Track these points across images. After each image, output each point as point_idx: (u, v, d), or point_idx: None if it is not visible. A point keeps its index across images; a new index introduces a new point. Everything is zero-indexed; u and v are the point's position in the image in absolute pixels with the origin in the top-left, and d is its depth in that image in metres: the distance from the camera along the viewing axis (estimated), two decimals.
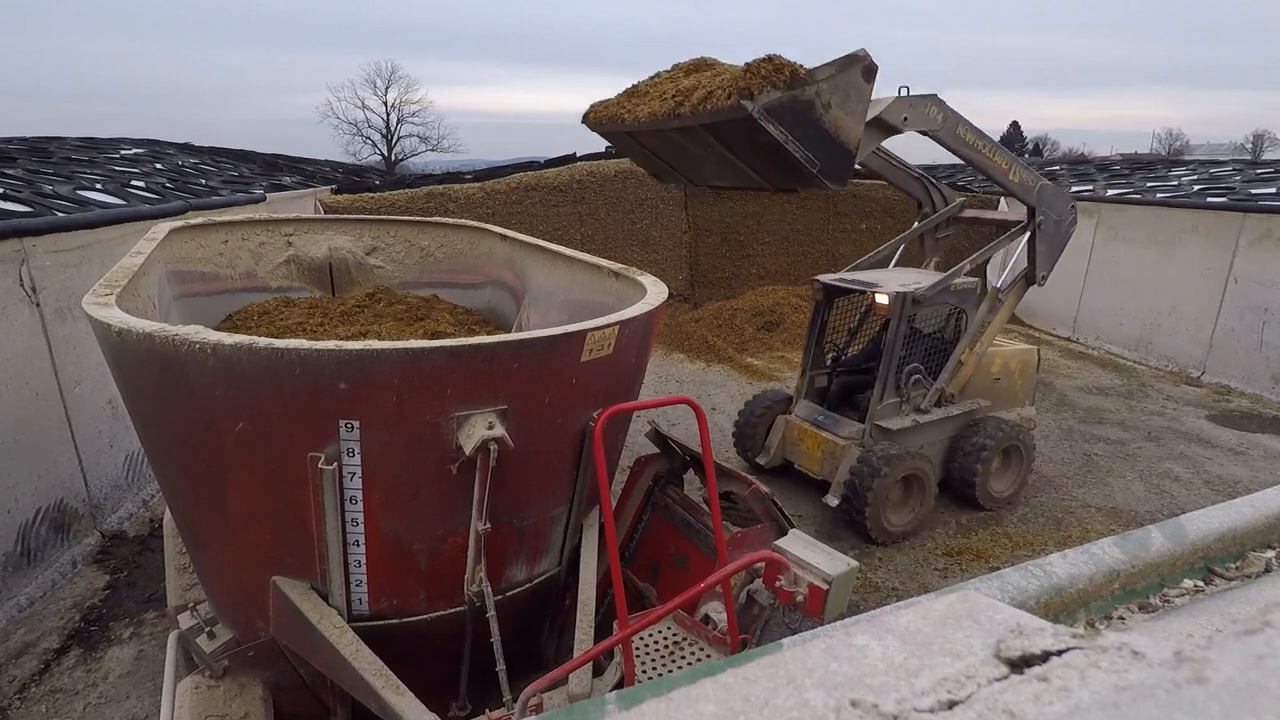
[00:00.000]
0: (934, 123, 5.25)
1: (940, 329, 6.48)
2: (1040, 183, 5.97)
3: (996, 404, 6.62)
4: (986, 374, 6.56)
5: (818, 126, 4.14)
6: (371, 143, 46.33)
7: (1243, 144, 67.50)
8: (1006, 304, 6.37)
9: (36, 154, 9.10)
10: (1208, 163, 15.61)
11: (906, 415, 6.05)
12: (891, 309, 5.82)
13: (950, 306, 6.31)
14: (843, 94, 4.13)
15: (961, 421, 6.36)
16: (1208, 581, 1.25)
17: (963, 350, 6.21)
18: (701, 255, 12.89)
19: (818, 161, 4.18)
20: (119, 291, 2.71)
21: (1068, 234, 6.32)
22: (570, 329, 2.78)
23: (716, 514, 3.30)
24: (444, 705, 3.09)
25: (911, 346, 6.09)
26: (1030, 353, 6.89)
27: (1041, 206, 6.01)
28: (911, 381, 6.05)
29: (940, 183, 6.70)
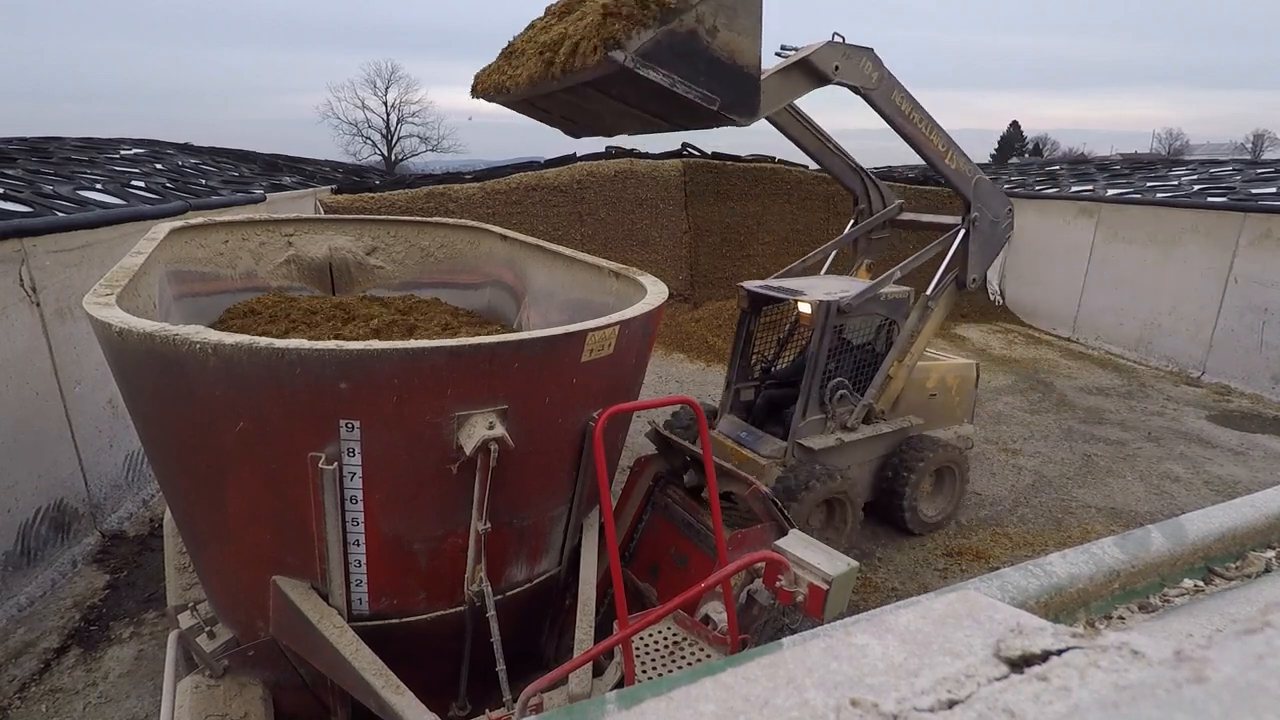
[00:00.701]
0: (868, 79, 4.80)
1: (870, 341, 6.05)
2: (978, 175, 5.61)
3: (932, 422, 6.24)
4: (921, 390, 6.16)
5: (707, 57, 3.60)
6: (371, 143, 46.39)
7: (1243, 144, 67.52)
8: (936, 312, 5.93)
9: (36, 154, 9.10)
10: (1208, 162, 15.61)
11: (831, 433, 5.60)
12: (815, 319, 5.41)
13: (880, 317, 5.86)
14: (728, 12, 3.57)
15: (893, 440, 5.93)
16: (1208, 581, 1.25)
17: (891, 364, 5.80)
18: (701, 255, 12.90)
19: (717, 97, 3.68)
20: (119, 291, 2.71)
21: (1003, 237, 5.95)
22: (570, 329, 2.78)
23: (716, 514, 3.30)
24: (444, 705, 3.09)
25: (840, 359, 5.68)
26: (969, 367, 6.49)
27: (977, 202, 5.65)
28: (837, 397, 5.60)
29: (880, 182, 6.33)
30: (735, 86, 3.72)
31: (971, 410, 6.58)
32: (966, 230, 5.71)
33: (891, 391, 5.87)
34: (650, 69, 3.46)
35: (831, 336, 5.45)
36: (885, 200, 6.31)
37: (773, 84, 4.39)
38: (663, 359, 10.70)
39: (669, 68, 3.51)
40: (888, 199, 6.31)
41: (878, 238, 6.48)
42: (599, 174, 12.11)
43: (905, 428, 5.96)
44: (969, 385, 6.48)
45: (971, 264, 5.82)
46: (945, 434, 6.28)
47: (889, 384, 5.82)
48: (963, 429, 6.47)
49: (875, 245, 6.50)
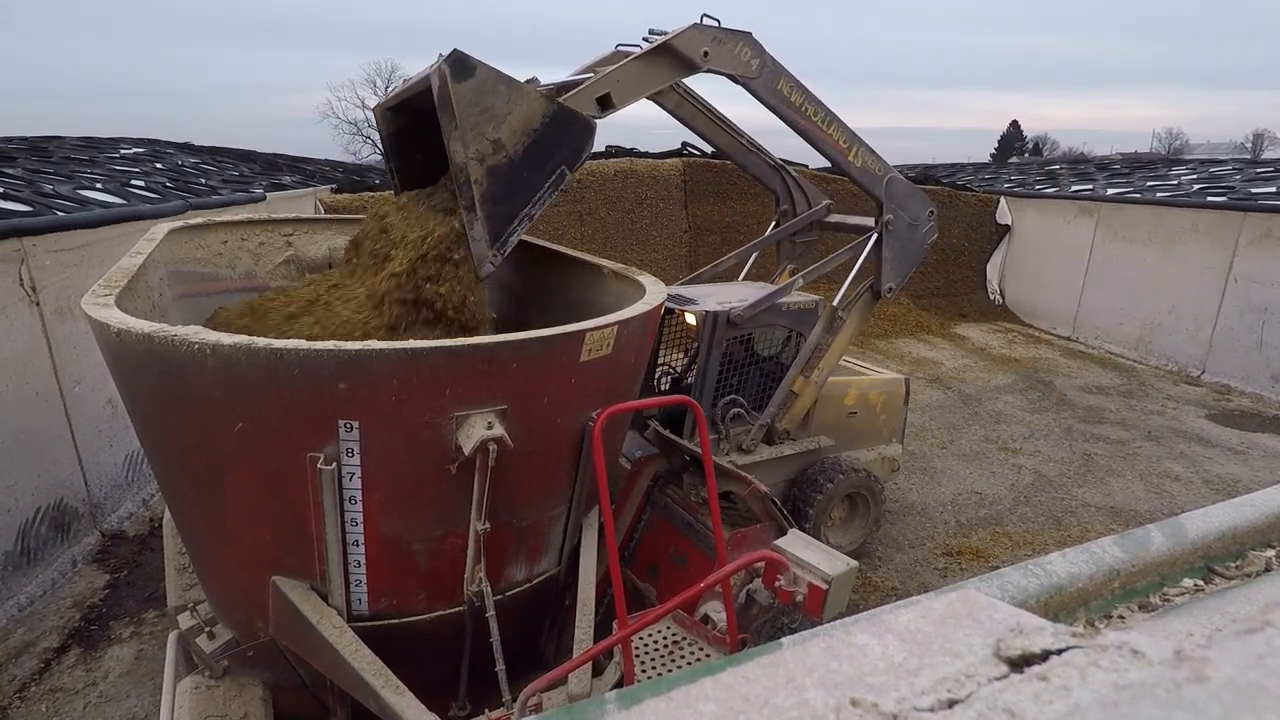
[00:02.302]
0: (746, 67, 4.30)
1: (777, 354, 5.54)
2: (890, 174, 5.09)
3: (851, 441, 5.69)
4: (838, 407, 5.59)
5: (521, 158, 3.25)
6: (372, 142, 46.32)
7: (1243, 143, 67.55)
8: (849, 323, 5.41)
9: (36, 154, 9.10)
10: (1208, 162, 15.62)
11: (725, 455, 5.02)
12: (701, 330, 4.89)
13: (784, 329, 5.34)
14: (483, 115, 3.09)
15: (800, 463, 5.38)
16: (1208, 581, 1.25)
17: (793, 379, 5.24)
18: (701, 255, 12.89)
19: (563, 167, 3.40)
20: (118, 292, 2.70)
21: (924, 242, 5.42)
22: (570, 329, 2.78)
23: (715, 514, 3.30)
24: (444, 705, 3.09)
25: (744, 373, 5.19)
26: (897, 383, 5.94)
27: (890, 204, 5.16)
28: (730, 415, 5.07)
29: (804, 181, 5.89)
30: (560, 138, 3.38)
31: (900, 429, 6.07)
32: (879, 235, 5.25)
33: (797, 409, 5.31)
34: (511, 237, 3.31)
35: (724, 349, 4.97)
36: (810, 201, 5.86)
37: (631, 72, 3.97)
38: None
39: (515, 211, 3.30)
40: (814, 199, 5.86)
41: (803, 241, 5.98)
42: (599, 174, 12.11)
43: (814, 449, 5.40)
44: (896, 402, 5.94)
45: (887, 271, 5.33)
46: (867, 455, 5.77)
47: (793, 401, 5.27)
48: (888, 449, 5.95)
49: (801, 249, 6.01)
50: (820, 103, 4.67)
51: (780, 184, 5.80)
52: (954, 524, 6.27)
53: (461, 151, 3.07)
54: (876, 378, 5.96)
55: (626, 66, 3.96)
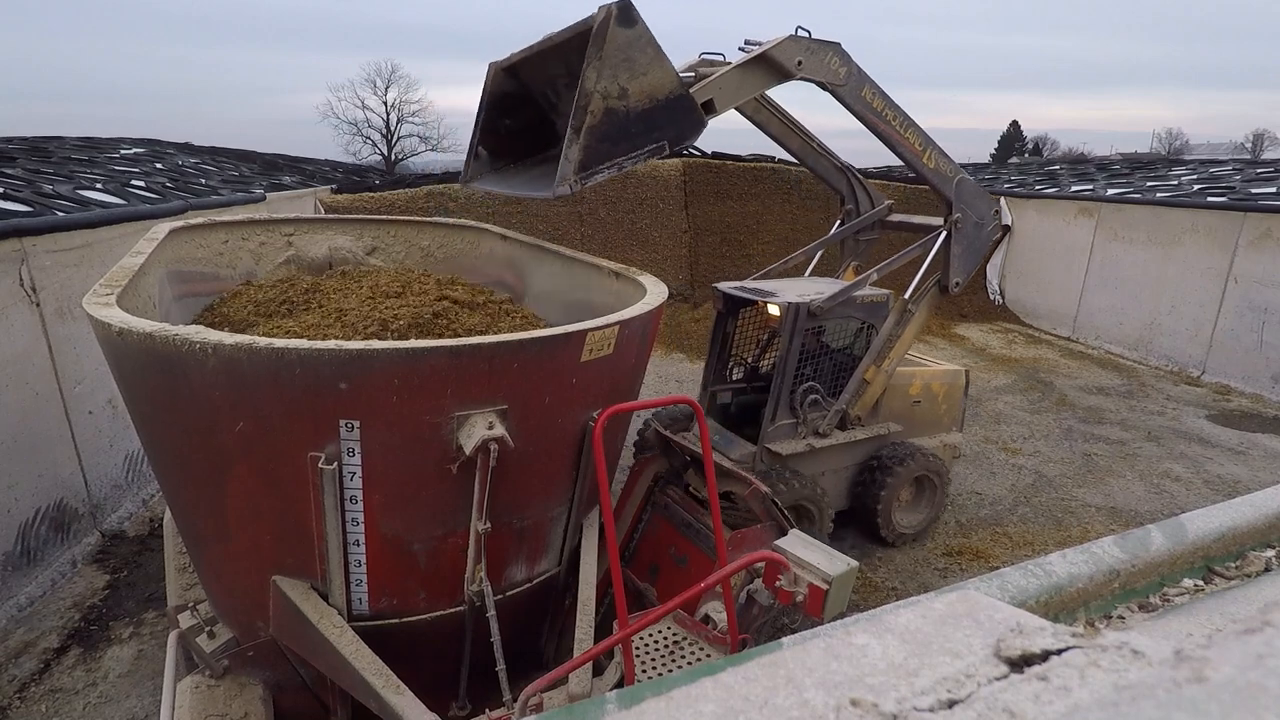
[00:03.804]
0: (835, 75, 4.61)
1: (849, 345, 5.87)
2: (959, 175, 5.43)
3: (915, 429, 6.03)
4: (903, 396, 5.94)
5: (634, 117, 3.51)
6: (371, 142, 46.37)
7: (1243, 143, 67.53)
8: (918, 316, 5.74)
9: (36, 154, 9.10)
10: (1208, 162, 15.62)
11: (802, 439, 5.40)
12: (783, 321, 5.24)
13: (857, 321, 5.66)
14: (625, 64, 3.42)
15: (869, 447, 5.76)
16: (1208, 581, 1.25)
17: (866, 368, 5.60)
18: (701, 255, 12.90)
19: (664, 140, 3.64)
20: (119, 291, 2.71)
21: (989, 240, 5.74)
22: (570, 329, 2.78)
23: (716, 514, 3.30)
24: (444, 705, 3.09)
25: (818, 363, 5.53)
26: (957, 374, 6.24)
27: (959, 203, 5.48)
28: (808, 402, 5.40)
29: (868, 182, 6.18)
30: (672, 119, 3.67)
31: (960, 418, 6.37)
32: (948, 233, 5.56)
33: (868, 397, 5.67)
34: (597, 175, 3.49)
35: (802, 339, 5.30)
36: (874, 201, 6.15)
37: (731, 80, 4.29)
38: (663, 359, 10.70)
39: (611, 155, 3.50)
40: (876, 200, 6.15)
41: (866, 239, 6.28)
42: None
43: (883, 434, 5.76)
44: (957, 392, 6.24)
45: (954, 267, 5.67)
46: (930, 442, 6.08)
47: (865, 389, 5.63)
48: (950, 437, 6.25)
49: (863, 247, 6.31)
50: (899, 108, 4.99)
51: (846, 185, 6.07)
52: (954, 524, 6.27)
53: (593, 81, 3.33)
54: (938, 368, 6.27)
55: (728, 75, 4.25)
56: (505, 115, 4.23)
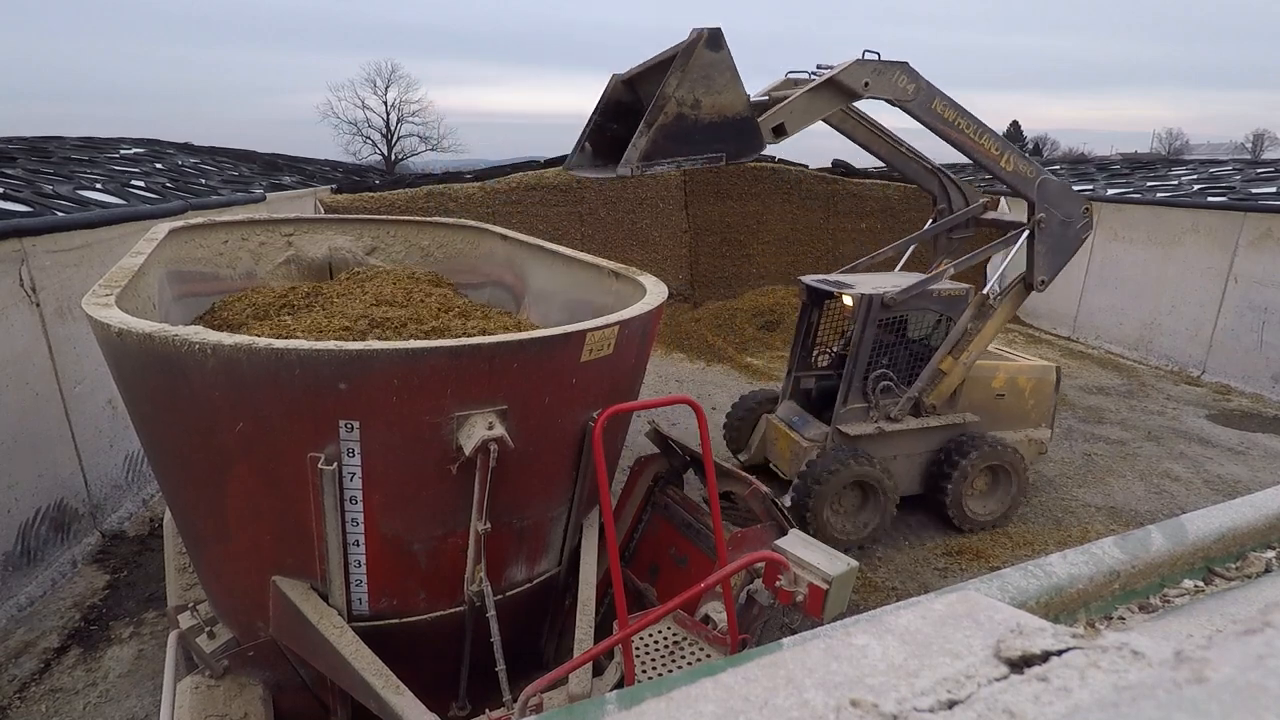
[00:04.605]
0: (903, 92, 4.82)
1: (927, 336, 6.12)
2: (1042, 175, 5.52)
3: (998, 422, 6.18)
4: (985, 388, 6.11)
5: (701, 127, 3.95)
6: (371, 142, 46.34)
7: (1243, 143, 67.53)
8: (999, 312, 5.91)
9: (36, 154, 9.10)
10: (1208, 162, 15.61)
11: (872, 422, 5.75)
12: (856, 312, 5.59)
13: (935, 313, 5.91)
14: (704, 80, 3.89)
15: (944, 435, 5.98)
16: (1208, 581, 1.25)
17: (941, 358, 5.79)
18: (701, 255, 12.90)
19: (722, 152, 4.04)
20: (119, 292, 2.71)
21: (1079, 237, 5.81)
22: (570, 329, 2.78)
23: (716, 514, 3.30)
24: (444, 705, 3.09)
25: (894, 352, 5.80)
26: (1048, 370, 6.36)
27: (1043, 203, 5.56)
28: (880, 388, 5.72)
29: (961, 181, 6.23)
30: (735, 136, 4.07)
31: (1050, 415, 6.46)
32: (1031, 232, 5.65)
33: (944, 387, 5.84)
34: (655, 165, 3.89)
35: (876, 330, 5.58)
36: (967, 199, 6.18)
37: (800, 104, 4.57)
38: (663, 359, 10.70)
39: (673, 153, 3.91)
40: (970, 198, 6.19)
41: (959, 237, 6.34)
42: None
43: (958, 424, 5.95)
44: (1047, 388, 6.34)
45: (1039, 266, 5.76)
46: (1014, 436, 6.20)
47: (940, 379, 5.81)
48: (1036, 433, 6.37)
49: (957, 244, 6.37)
50: (972, 116, 5.11)
51: (938, 186, 6.16)
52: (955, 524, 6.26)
53: (673, 87, 3.85)
54: (1026, 364, 6.36)
55: (797, 100, 4.56)
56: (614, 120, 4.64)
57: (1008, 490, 6.07)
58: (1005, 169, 5.35)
